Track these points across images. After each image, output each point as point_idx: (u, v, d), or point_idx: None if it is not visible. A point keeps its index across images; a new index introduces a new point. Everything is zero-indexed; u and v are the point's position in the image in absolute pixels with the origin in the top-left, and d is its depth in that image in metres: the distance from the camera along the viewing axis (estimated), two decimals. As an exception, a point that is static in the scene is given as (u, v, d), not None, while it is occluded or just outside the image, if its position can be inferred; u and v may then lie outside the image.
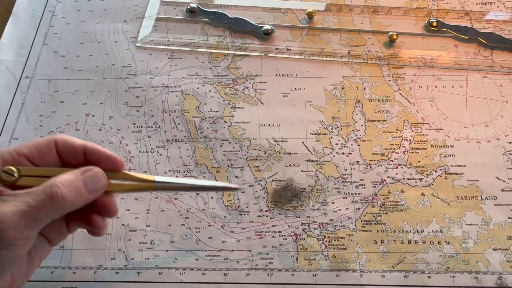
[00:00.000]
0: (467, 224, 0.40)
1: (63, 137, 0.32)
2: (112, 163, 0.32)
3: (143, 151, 0.45)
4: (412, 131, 0.45)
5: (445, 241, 0.39)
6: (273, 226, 0.41)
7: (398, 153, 0.44)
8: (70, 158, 0.32)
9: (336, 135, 0.45)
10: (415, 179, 0.42)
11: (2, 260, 0.28)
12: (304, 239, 0.40)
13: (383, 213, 0.41)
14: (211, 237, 0.40)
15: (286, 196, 0.42)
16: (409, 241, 0.39)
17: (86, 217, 0.32)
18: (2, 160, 0.30)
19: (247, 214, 0.41)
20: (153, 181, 0.33)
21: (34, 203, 0.27)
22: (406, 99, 0.47)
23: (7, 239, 0.27)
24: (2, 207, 0.27)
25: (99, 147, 0.32)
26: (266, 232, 0.41)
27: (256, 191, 0.43)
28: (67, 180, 0.29)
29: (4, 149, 0.31)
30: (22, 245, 0.28)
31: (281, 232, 0.40)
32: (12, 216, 0.27)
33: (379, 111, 0.46)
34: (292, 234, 0.40)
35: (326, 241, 0.40)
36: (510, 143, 0.44)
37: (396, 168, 0.43)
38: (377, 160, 0.44)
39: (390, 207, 0.41)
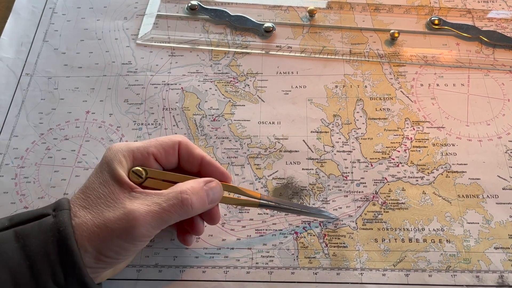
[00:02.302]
0: (468, 223, 0.40)
1: (186, 142, 0.35)
2: (224, 179, 0.35)
3: (143, 149, 0.45)
4: (413, 129, 0.45)
5: (446, 240, 0.39)
6: (273, 224, 0.41)
7: (399, 151, 0.44)
8: (187, 164, 0.35)
9: (337, 133, 0.45)
10: (416, 177, 0.42)
11: (126, 253, 0.31)
12: (305, 237, 0.40)
13: (384, 211, 0.41)
14: (211, 235, 0.40)
15: (286, 194, 0.42)
16: (410, 240, 0.39)
17: (188, 222, 0.35)
18: (133, 158, 0.33)
19: (248, 212, 0.41)
20: (259, 199, 0.36)
21: (166, 206, 0.30)
22: (407, 97, 0.47)
23: (137, 236, 0.29)
24: (135, 203, 0.30)
25: (214, 161, 0.35)
26: (266, 230, 0.40)
27: (256, 189, 0.42)
28: (194, 188, 0.32)
29: (134, 144, 0.33)
30: (145, 242, 0.31)
31: (281, 230, 0.40)
32: (145, 215, 0.29)
33: (380, 109, 0.46)
34: (293, 232, 0.40)
35: (326, 239, 0.40)
36: (512, 141, 0.44)
37: (397, 166, 0.43)
38: (378, 158, 0.43)
39: (391, 205, 0.41)
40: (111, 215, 0.30)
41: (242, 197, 0.37)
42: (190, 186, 0.32)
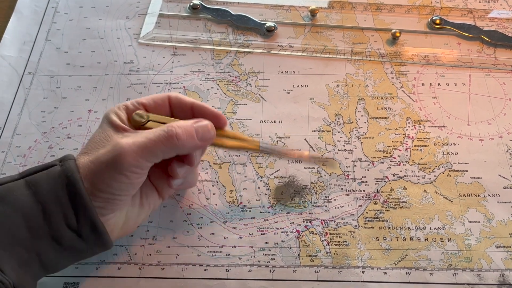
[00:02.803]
0: (470, 222, 0.40)
1: (176, 94, 0.37)
2: (217, 120, 0.36)
3: (146, 147, 0.45)
4: (415, 128, 0.45)
5: (448, 238, 0.39)
6: (275, 222, 0.41)
7: (400, 150, 0.44)
8: (180, 113, 0.36)
9: (339, 132, 0.45)
10: (418, 176, 0.42)
11: (120, 185, 0.32)
12: (306, 235, 0.40)
13: (386, 210, 0.41)
14: (213, 233, 0.40)
15: (288, 193, 0.42)
16: (411, 238, 0.39)
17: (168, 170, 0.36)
18: (127, 109, 0.35)
19: (249, 211, 0.41)
20: (259, 144, 0.38)
21: (152, 137, 0.32)
22: (408, 96, 0.47)
23: (124, 165, 0.31)
24: (124, 139, 0.32)
25: (206, 105, 0.36)
26: (268, 228, 0.41)
27: (258, 188, 0.43)
28: (182, 125, 0.33)
29: (128, 101, 0.36)
30: (136, 174, 0.32)
31: (283, 228, 0.40)
32: (131, 145, 0.31)
33: (381, 108, 0.46)
34: (294, 230, 0.40)
35: (328, 237, 0.40)
36: (513, 140, 0.44)
37: (399, 165, 0.43)
38: (380, 157, 0.43)
39: (392, 204, 0.41)
40: (102, 151, 0.32)
41: (241, 142, 0.37)
42: (179, 123, 0.34)
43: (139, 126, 0.34)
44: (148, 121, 0.35)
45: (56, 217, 0.30)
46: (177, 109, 0.36)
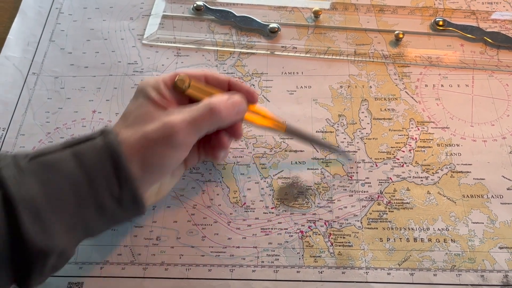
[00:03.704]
0: (473, 223, 0.40)
1: (212, 72, 0.39)
2: (250, 95, 0.38)
3: (149, 148, 0.45)
4: (418, 129, 0.45)
5: (451, 239, 0.39)
6: (279, 223, 0.41)
7: (404, 151, 0.44)
8: (216, 86, 0.38)
9: (342, 133, 0.45)
10: (421, 177, 0.42)
11: (170, 160, 0.34)
12: (310, 236, 0.40)
13: (389, 211, 0.41)
14: (217, 234, 0.41)
15: (292, 194, 0.42)
16: (415, 239, 0.39)
17: (215, 143, 0.38)
18: (164, 84, 0.36)
19: (253, 211, 0.41)
20: (285, 125, 0.40)
21: (198, 114, 0.34)
22: (412, 97, 0.47)
23: (175, 142, 0.33)
24: (172, 116, 0.34)
25: (240, 81, 0.40)
26: (272, 229, 0.41)
27: (262, 188, 0.43)
28: (221, 100, 0.35)
29: (162, 75, 0.37)
30: (185, 149, 0.34)
31: (287, 229, 0.40)
32: (181, 122, 0.33)
33: (385, 109, 0.46)
34: (298, 231, 0.40)
35: (332, 238, 0.40)
36: (516, 142, 0.44)
37: (402, 166, 0.43)
38: (383, 158, 0.44)
39: (396, 205, 0.41)
40: (150, 128, 0.33)
41: (269, 121, 0.40)
42: (218, 98, 0.35)
43: (180, 91, 0.36)
44: (190, 86, 0.36)
45: (101, 187, 0.31)
46: (214, 85, 0.38)
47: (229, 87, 0.39)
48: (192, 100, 0.37)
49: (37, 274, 0.30)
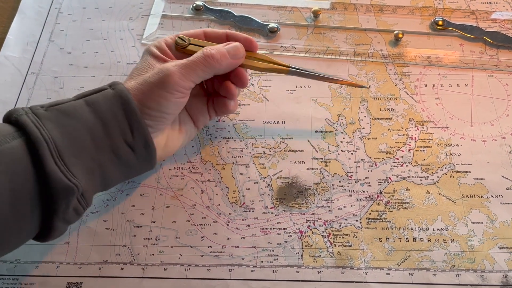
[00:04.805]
0: (473, 222, 0.40)
1: (211, 29, 0.42)
2: (248, 43, 0.41)
3: (149, 148, 0.45)
4: (418, 129, 0.45)
5: (451, 239, 0.39)
6: (278, 223, 0.41)
7: (403, 151, 0.44)
8: (216, 42, 0.41)
9: (342, 132, 0.45)
10: (420, 177, 0.42)
11: (167, 103, 0.36)
12: (309, 236, 0.40)
13: (388, 211, 0.41)
14: (216, 234, 0.40)
15: (291, 193, 0.42)
16: (414, 239, 0.39)
17: (224, 92, 0.41)
18: (166, 42, 0.39)
19: (252, 211, 0.41)
20: (289, 67, 0.42)
21: (192, 59, 0.37)
22: (411, 97, 0.47)
23: (171, 83, 0.35)
24: (168, 64, 0.37)
25: (239, 32, 0.41)
26: (271, 229, 0.41)
27: (261, 188, 0.43)
28: (215, 47, 0.38)
29: (168, 36, 0.40)
30: (181, 93, 0.36)
31: (286, 229, 0.40)
32: (175, 66, 0.36)
33: (384, 109, 0.46)
34: (297, 231, 0.40)
35: (331, 238, 0.40)
36: (516, 142, 0.44)
37: (402, 166, 0.43)
38: (383, 158, 0.44)
39: (395, 205, 0.41)
40: (149, 74, 0.36)
41: (271, 64, 0.41)
42: (213, 46, 0.39)
43: (181, 49, 0.39)
44: (190, 44, 0.39)
45: (114, 131, 0.34)
46: (213, 40, 0.41)
47: (227, 39, 0.41)
48: None
49: (61, 214, 0.32)
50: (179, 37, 0.39)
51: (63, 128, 0.32)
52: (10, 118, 0.32)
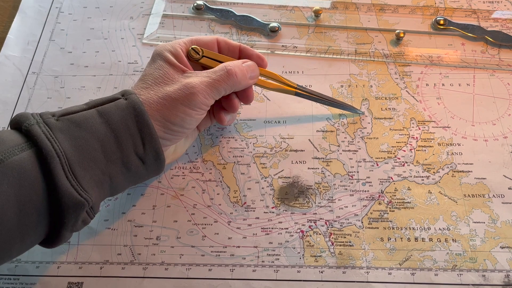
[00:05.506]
0: (474, 222, 0.40)
1: (224, 38, 0.41)
2: (260, 61, 0.41)
3: (150, 147, 0.45)
4: (419, 129, 0.45)
5: (452, 239, 0.39)
6: (279, 222, 0.41)
7: (405, 150, 0.44)
8: (229, 54, 0.41)
9: (343, 132, 0.45)
10: (422, 176, 0.42)
11: (190, 120, 0.36)
12: (311, 236, 0.40)
13: (390, 211, 0.41)
14: (217, 233, 0.40)
15: (292, 193, 0.42)
16: (416, 239, 0.39)
17: (227, 105, 0.41)
18: (181, 47, 0.39)
19: (254, 211, 0.41)
20: (296, 87, 0.43)
21: (216, 77, 0.37)
22: (413, 97, 0.47)
23: (197, 101, 0.35)
24: (191, 79, 0.36)
25: (250, 47, 0.42)
26: (272, 228, 0.40)
27: (262, 188, 0.42)
28: (236, 64, 0.38)
29: (177, 40, 0.39)
30: (203, 110, 0.37)
31: (287, 228, 0.40)
32: (200, 84, 0.36)
33: (385, 108, 0.46)
34: (299, 231, 0.40)
35: (332, 238, 0.40)
36: (518, 141, 0.44)
37: (403, 165, 0.43)
38: (384, 158, 0.43)
39: (396, 205, 0.41)
40: (171, 88, 0.35)
41: (279, 84, 0.42)
42: (233, 63, 0.38)
43: (194, 60, 0.39)
44: (203, 56, 0.39)
45: (126, 144, 0.33)
46: (225, 51, 0.41)
47: (240, 53, 0.41)
48: (205, 68, 0.39)
49: (70, 226, 0.31)
50: (192, 49, 0.39)
51: (75, 140, 0.31)
52: (20, 126, 0.31)
